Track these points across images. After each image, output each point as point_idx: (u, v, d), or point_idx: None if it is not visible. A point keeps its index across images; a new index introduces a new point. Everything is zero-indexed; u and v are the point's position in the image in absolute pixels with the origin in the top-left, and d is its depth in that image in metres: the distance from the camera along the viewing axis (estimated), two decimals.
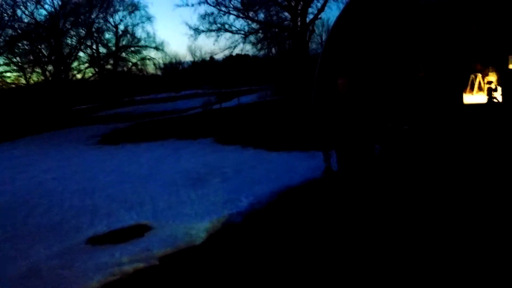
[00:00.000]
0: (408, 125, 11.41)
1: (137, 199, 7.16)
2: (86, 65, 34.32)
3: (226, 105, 21.13)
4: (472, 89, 17.34)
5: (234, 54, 29.22)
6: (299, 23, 24.19)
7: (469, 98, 15.72)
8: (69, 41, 30.75)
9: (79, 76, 33.32)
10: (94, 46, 35.46)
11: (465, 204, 5.45)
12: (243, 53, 31.67)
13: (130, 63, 36.90)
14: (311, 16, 24.76)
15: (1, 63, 26.36)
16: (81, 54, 33.66)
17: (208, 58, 41.97)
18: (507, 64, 13.79)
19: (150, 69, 39.69)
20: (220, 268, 4.37)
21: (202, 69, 42.14)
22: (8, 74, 27.60)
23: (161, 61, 42.47)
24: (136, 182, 8.38)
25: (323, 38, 37.14)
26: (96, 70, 35.45)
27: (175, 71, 45.31)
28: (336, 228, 5.09)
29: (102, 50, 36.41)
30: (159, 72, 44.21)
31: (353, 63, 13.60)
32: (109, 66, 36.44)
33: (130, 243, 5.21)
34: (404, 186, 6.53)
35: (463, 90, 15.82)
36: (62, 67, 28.92)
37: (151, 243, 5.12)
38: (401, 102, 13.97)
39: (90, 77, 35.28)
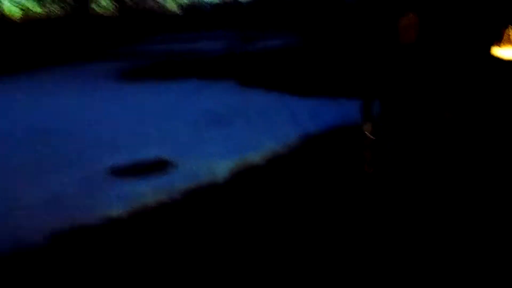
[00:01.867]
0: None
1: (159, 135, 7.03)
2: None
3: (250, 49, 20.58)
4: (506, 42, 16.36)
5: None
6: None
7: (501, 52, 14.87)
8: None
9: (99, 10, 32.77)
10: None
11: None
12: None
13: (152, 1, 36.08)
14: None
15: None
16: None
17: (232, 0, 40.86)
18: None
19: (172, 7, 38.81)
20: (242, 208, 4.25)
21: (226, 11, 40.96)
22: (30, 5, 27.25)
23: (184, 0, 41.48)
24: (157, 119, 8.25)
25: None
26: (117, 6, 34.75)
27: (198, 12, 44.19)
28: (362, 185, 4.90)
29: None
30: (180, 12, 43.23)
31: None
32: (130, 3, 35.68)
33: (152, 176, 5.13)
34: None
35: (494, 43, 14.95)
36: (82, 1, 28.37)
37: (173, 178, 5.03)
38: None
39: (111, 12, 34.67)
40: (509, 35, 14.16)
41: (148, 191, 4.64)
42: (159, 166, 5.51)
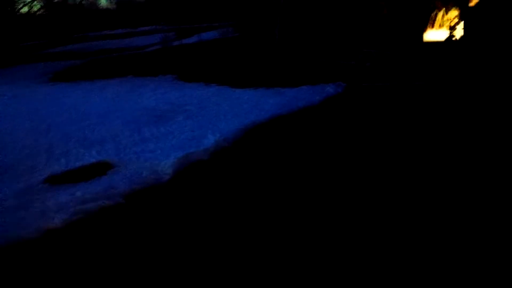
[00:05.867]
0: (370, 62, 11.40)
1: (97, 137, 6.81)
2: None
3: (186, 42, 20.28)
4: (433, 26, 17.46)
5: None
6: None
7: (430, 35, 15.86)
8: None
9: (25, 9, 31.01)
10: None
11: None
12: None
13: None
14: None
15: None
16: None
17: None
18: (468, 1, 13.84)
19: (103, 2, 37.44)
20: (187, 206, 4.25)
21: (160, 3, 40.01)
22: None
23: None
24: (95, 120, 7.98)
25: None
26: (44, 3, 32.98)
27: (131, 6, 42.88)
28: (301, 166, 5.05)
29: None
30: (113, 7, 41.84)
31: None
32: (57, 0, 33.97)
33: (92, 181, 4.95)
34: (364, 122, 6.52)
35: (425, 27, 15.93)
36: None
37: (115, 181, 4.88)
38: (364, 39, 13.91)
39: (38, 10, 32.88)
40: (434, 19, 14.86)
41: (89, 197, 4.48)
42: (99, 170, 5.33)
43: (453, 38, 13.46)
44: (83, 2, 35.03)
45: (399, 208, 3.72)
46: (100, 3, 37.56)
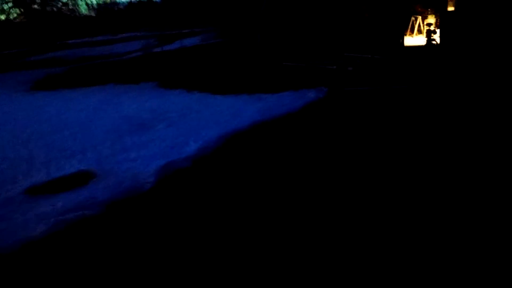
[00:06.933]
0: (352, 66, 11.56)
1: (78, 146, 6.78)
2: (10, 4, 31.46)
3: (167, 48, 20.27)
4: (412, 31, 17.82)
5: None
6: None
7: (409, 40, 16.19)
8: None
9: (2, 17, 30.62)
10: None
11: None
12: None
13: (60, 3, 34.15)
14: None
15: None
16: None
17: None
18: (446, 7, 14.16)
19: (83, 9, 37.06)
20: (170, 214, 4.27)
21: (140, 10, 39.83)
22: None
23: (94, 1, 39.67)
24: (75, 130, 7.93)
25: None
26: (22, 10, 32.58)
27: (111, 12, 42.58)
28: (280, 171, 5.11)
29: None
30: (92, 13, 41.46)
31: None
32: (36, 6, 33.57)
33: (73, 191, 4.94)
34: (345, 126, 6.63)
35: (405, 32, 16.22)
36: None
37: (96, 190, 4.87)
38: (346, 43, 14.09)
39: (16, 18, 32.49)
40: (415, 24, 15.09)
41: (70, 208, 4.47)
42: (80, 180, 5.32)
43: (433, 42, 13.78)
44: (62, 8, 34.63)
45: (391, 212, 3.80)
46: (80, 10, 37.13)
